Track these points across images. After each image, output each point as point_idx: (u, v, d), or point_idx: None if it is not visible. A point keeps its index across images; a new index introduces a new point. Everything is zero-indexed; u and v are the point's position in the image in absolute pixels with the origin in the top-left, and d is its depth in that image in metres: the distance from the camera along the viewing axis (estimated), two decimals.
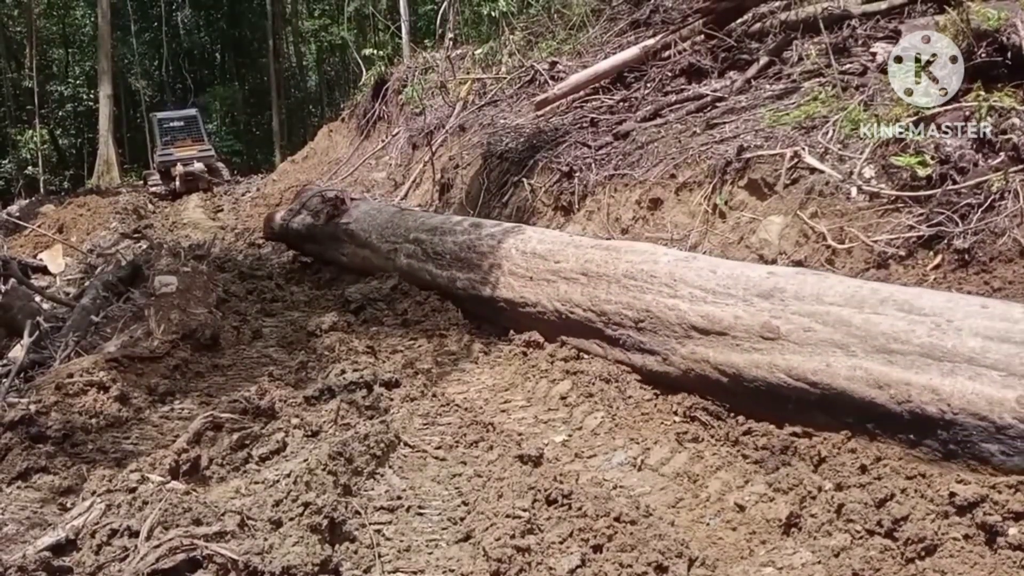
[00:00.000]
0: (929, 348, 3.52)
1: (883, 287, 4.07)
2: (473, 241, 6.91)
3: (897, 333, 3.64)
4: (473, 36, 20.40)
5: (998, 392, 3.25)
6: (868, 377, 3.68)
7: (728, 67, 9.02)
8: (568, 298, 5.59)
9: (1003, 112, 5.33)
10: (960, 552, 3.00)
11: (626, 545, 3.12)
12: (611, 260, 5.39)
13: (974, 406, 3.30)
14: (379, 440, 4.10)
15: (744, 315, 4.32)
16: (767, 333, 4.17)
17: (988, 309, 3.53)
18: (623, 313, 5.10)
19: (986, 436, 3.28)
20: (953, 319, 3.54)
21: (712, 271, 4.70)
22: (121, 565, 2.82)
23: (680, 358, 4.68)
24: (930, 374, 3.48)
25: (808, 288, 4.15)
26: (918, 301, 3.72)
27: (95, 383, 5.04)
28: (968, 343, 3.41)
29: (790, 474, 3.69)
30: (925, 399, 3.46)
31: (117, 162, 34.01)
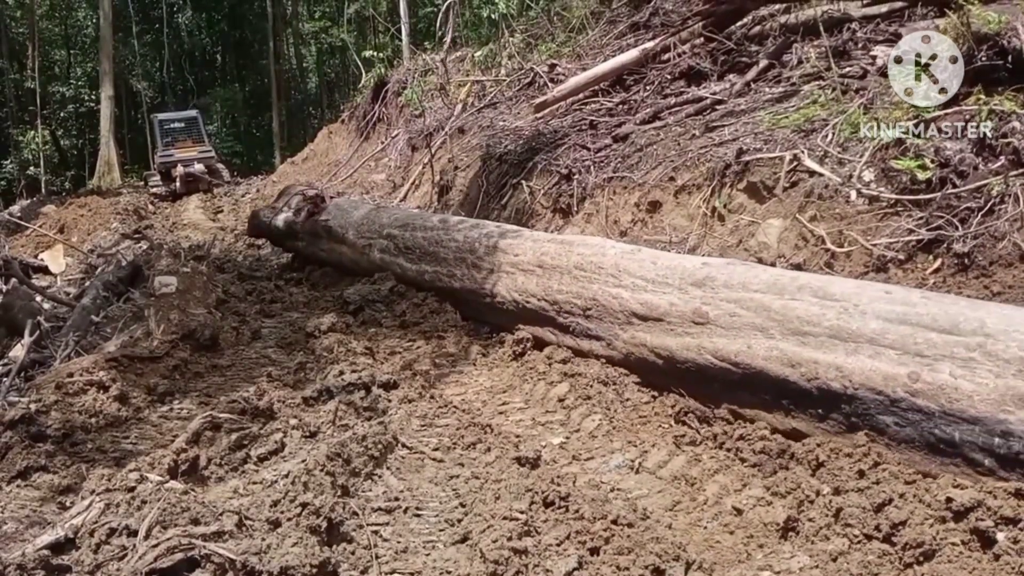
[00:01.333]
0: (837, 330, 3.82)
1: (802, 275, 4.45)
2: (441, 236, 7.28)
3: (810, 316, 3.96)
4: (473, 38, 20.41)
5: (893, 369, 3.54)
6: (783, 357, 4.00)
7: (728, 70, 9.03)
8: (524, 288, 5.96)
9: (1003, 116, 5.33)
10: (958, 557, 2.99)
11: (623, 548, 3.12)
12: (564, 253, 5.75)
13: (872, 382, 3.60)
14: (377, 441, 4.10)
15: (679, 302, 4.65)
16: (698, 318, 4.50)
17: (891, 294, 3.86)
18: (573, 302, 5.45)
19: (882, 409, 3.58)
20: (859, 303, 3.84)
21: (653, 262, 5.05)
22: (119, 564, 2.82)
23: (622, 343, 5.03)
24: (836, 353, 3.78)
25: (736, 277, 4.47)
26: (831, 288, 4.04)
27: (95, 383, 5.04)
28: (870, 325, 3.72)
29: (788, 478, 3.68)
30: (831, 376, 3.76)
31: (118, 163, 34.04)
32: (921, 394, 3.45)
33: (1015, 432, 3.14)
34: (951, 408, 3.35)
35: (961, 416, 3.32)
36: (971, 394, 3.30)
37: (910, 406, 3.48)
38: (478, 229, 7.02)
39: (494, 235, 6.70)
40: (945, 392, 3.37)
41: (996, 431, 3.21)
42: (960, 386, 3.34)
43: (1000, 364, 3.27)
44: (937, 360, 3.44)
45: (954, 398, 3.35)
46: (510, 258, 6.26)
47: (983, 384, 3.28)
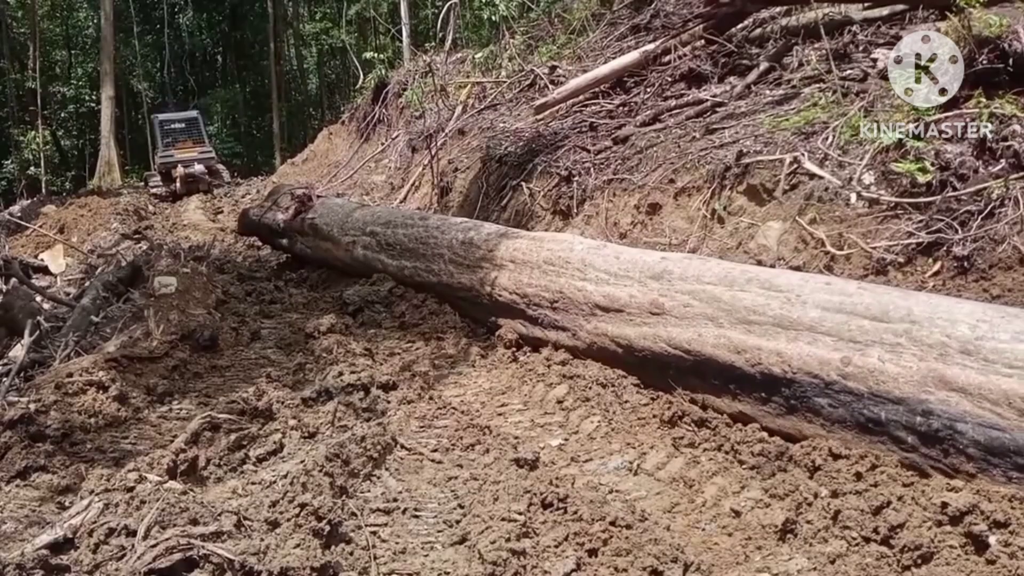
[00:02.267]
0: (780, 319, 4.10)
1: (752, 268, 4.72)
2: (420, 234, 7.58)
3: (756, 306, 4.24)
4: (473, 40, 20.44)
5: (828, 354, 3.81)
6: (730, 344, 4.29)
7: (728, 72, 9.03)
8: (496, 282, 6.27)
9: (1004, 119, 5.34)
10: (956, 560, 3.00)
11: (621, 550, 3.12)
12: (535, 248, 6.05)
13: (809, 366, 3.87)
14: (376, 442, 4.10)
15: (638, 294, 4.94)
16: (655, 309, 4.79)
17: (830, 285, 4.13)
18: (541, 295, 5.76)
19: (818, 391, 3.85)
20: (801, 294, 4.12)
21: (616, 257, 5.35)
22: (118, 564, 2.82)
23: (586, 333, 5.33)
24: (778, 340, 4.06)
25: (691, 270, 4.77)
26: (777, 280, 4.34)
27: (94, 383, 5.04)
28: (810, 314, 3.99)
29: (786, 480, 3.69)
30: (772, 361, 4.05)
31: (118, 163, 34.04)
32: (852, 377, 3.70)
33: (935, 411, 3.39)
34: (878, 390, 3.61)
35: (887, 397, 3.57)
36: (896, 376, 3.55)
37: (842, 388, 3.74)
38: (456, 226, 7.32)
39: (470, 232, 7.01)
40: (873, 375, 3.63)
41: (918, 410, 3.46)
42: (887, 369, 3.59)
43: (923, 348, 3.51)
44: (868, 345, 3.70)
45: (881, 380, 3.60)
46: (483, 253, 6.56)
47: (907, 367, 3.53)
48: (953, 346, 3.44)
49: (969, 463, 3.34)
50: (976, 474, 3.33)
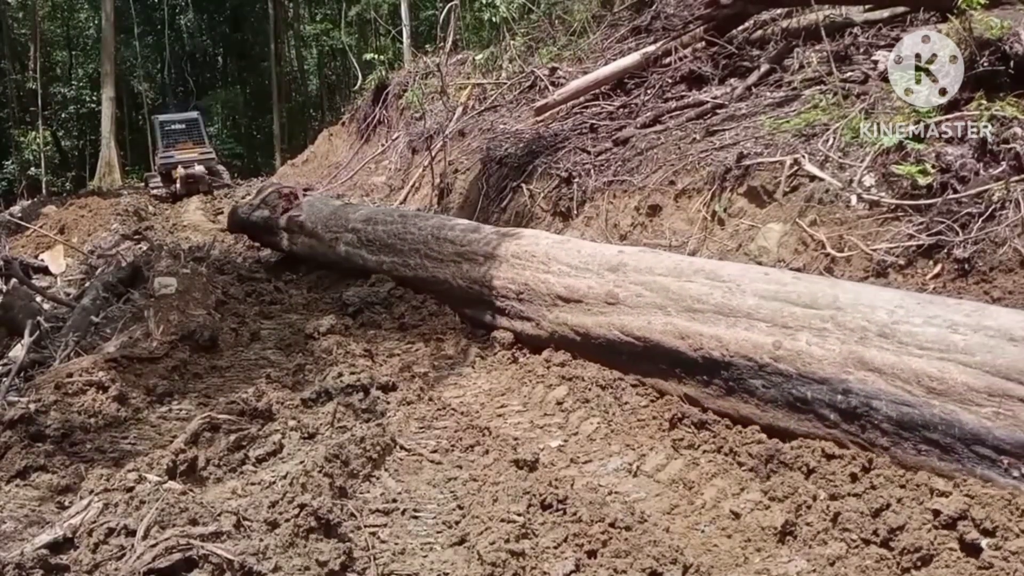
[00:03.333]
0: (721, 306, 4.40)
1: (699, 261, 5.13)
2: (399, 230, 7.89)
3: (701, 295, 4.55)
4: (474, 41, 20.43)
5: (762, 338, 4.11)
6: (675, 331, 4.59)
7: (729, 74, 9.04)
8: (468, 275, 6.61)
9: (1005, 121, 5.33)
10: (956, 563, 2.99)
11: (620, 551, 3.12)
12: (504, 243, 6.39)
13: (745, 350, 4.17)
14: (375, 443, 4.10)
15: (595, 285, 5.27)
16: (610, 299, 5.12)
17: (768, 275, 4.47)
18: (508, 287, 6.10)
19: (753, 373, 4.14)
20: (741, 284, 4.42)
21: (578, 251, 5.70)
22: (118, 564, 2.82)
23: (548, 322, 5.67)
24: (719, 326, 4.37)
25: (645, 262, 5.11)
26: (721, 271, 4.66)
27: (94, 383, 5.04)
28: (748, 301, 4.29)
29: (785, 482, 3.69)
30: (712, 346, 4.35)
31: (119, 164, 34.03)
32: (782, 359, 4.00)
33: (854, 390, 3.68)
34: (805, 371, 3.89)
35: (813, 377, 3.86)
36: (821, 358, 3.84)
37: (774, 370, 4.04)
38: (432, 223, 7.71)
39: (445, 228, 7.36)
40: (801, 357, 3.92)
41: (839, 389, 3.74)
42: (813, 352, 3.89)
43: (846, 332, 3.80)
44: (798, 330, 4.00)
45: (808, 362, 3.89)
46: (457, 248, 6.89)
47: (831, 350, 3.82)
48: (872, 330, 3.71)
49: (884, 437, 3.60)
50: (889, 447, 3.59)
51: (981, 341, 3.39)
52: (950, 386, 3.38)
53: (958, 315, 3.56)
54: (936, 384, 3.43)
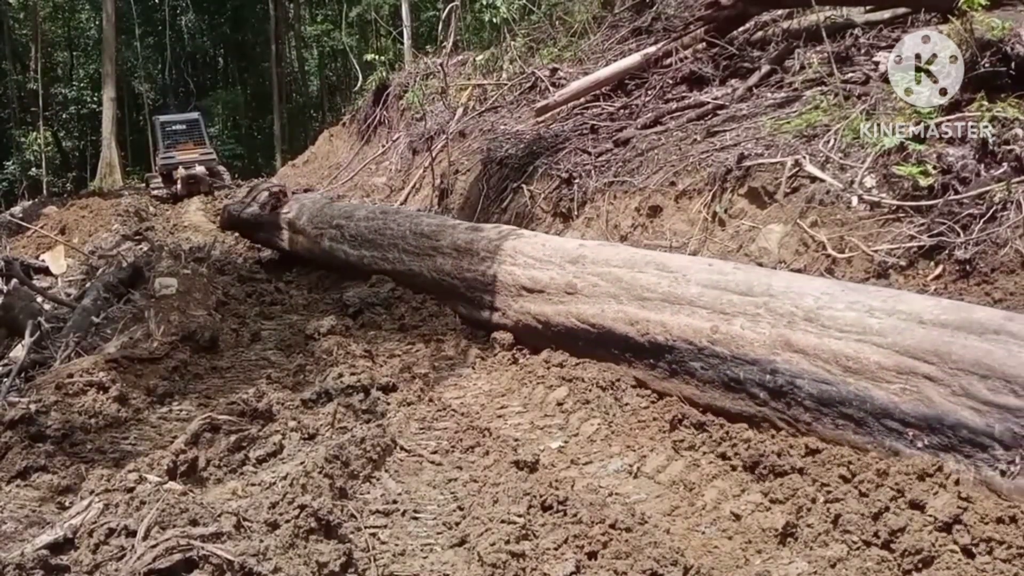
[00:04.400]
0: (668, 295, 4.76)
1: (652, 254, 5.44)
2: (379, 225, 8.30)
3: (650, 285, 4.90)
4: (475, 42, 20.42)
5: (702, 324, 4.45)
6: (626, 318, 4.96)
7: (729, 75, 9.03)
8: (441, 268, 7.03)
9: (1006, 122, 5.33)
10: (957, 564, 2.99)
11: (621, 552, 3.12)
12: (476, 239, 6.76)
13: (686, 334, 4.53)
14: (375, 444, 4.10)
15: (557, 276, 5.66)
16: (569, 289, 5.50)
17: (712, 266, 4.82)
18: (478, 280, 6.49)
19: (692, 356, 4.49)
20: (687, 274, 4.77)
21: (543, 245, 6.12)
22: (118, 564, 2.81)
23: (513, 312, 6.08)
24: (664, 313, 4.72)
25: (602, 255, 5.47)
26: (670, 262, 5.03)
27: (95, 383, 5.04)
28: (691, 290, 4.64)
29: (786, 484, 3.68)
30: (657, 331, 4.72)
31: (119, 165, 33.99)
32: (719, 343, 4.34)
33: (780, 370, 3.99)
34: (739, 353, 4.22)
35: (745, 359, 4.18)
36: (753, 341, 4.16)
37: (711, 353, 4.38)
38: (410, 219, 8.13)
39: (421, 224, 7.78)
40: (735, 340, 4.25)
41: (768, 369, 4.06)
42: (746, 335, 4.21)
43: (776, 317, 4.11)
44: (734, 316, 4.33)
45: (741, 345, 4.22)
46: (432, 243, 7.30)
47: (762, 333, 4.14)
48: (799, 315, 4.03)
49: (806, 413, 3.90)
50: (811, 423, 3.89)
51: (893, 324, 3.67)
52: (864, 365, 3.67)
53: (876, 300, 3.86)
54: (852, 363, 3.72)
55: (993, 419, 3.25)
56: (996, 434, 3.23)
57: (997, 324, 3.40)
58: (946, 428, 3.39)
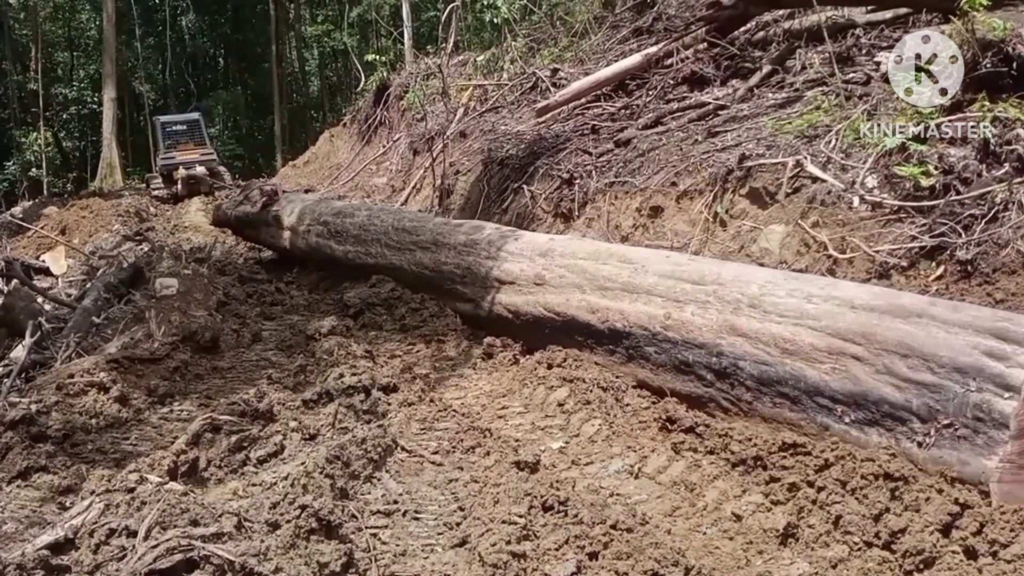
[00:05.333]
0: (627, 284, 5.07)
1: (615, 247, 5.90)
2: (363, 221, 8.66)
3: (612, 276, 5.22)
4: (475, 43, 20.41)
5: (656, 311, 4.77)
6: (588, 306, 5.28)
7: (731, 75, 9.03)
8: (420, 262, 7.37)
9: (1007, 123, 5.33)
10: (958, 565, 2.99)
11: (622, 553, 3.11)
12: (453, 233, 7.18)
13: (642, 321, 4.84)
14: (376, 444, 4.10)
15: (527, 269, 5.99)
16: (538, 280, 5.84)
17: (669, 258, 5.21)
18: (454, 271, 6.85)
19: (647, 341, 4.81)
20: (646, 265, 5.12)
21: (516, 239, 6.45)
22: (119, 564, 2.81)
23: (487, 303, 6.39)
24: (623, 301, 5.04)
25: (569, 248, 5.82)
26: (630, 255, 5.39)
27: (95, 384, 5.04)
28: (649, 280, 4.96)
29: (786, 484, 3.68)
30: (616, 318, 5.04)
31: (120, 165, 34.01)
32: (671, 328, 4.64)
33: (725, 352, 4.29)
34: (689, 338, 4.53)
35: (694, 343, 4.49)
36: (701, 326, 4.46)
37: (664, 338, 4.69)
38: (393, 215, 8.59)
39: (404, 219, 8.20)
40: (686, 327, 4.55)
41: (714, 352, 4.35)
42: (695, 321, 4.51)
43: (724, 304, 4.40)
44: (686, 303, 4.63)
45: (691, 330, 4.52)
46: (412, 238, 7.63)
47: (710, 319, 4.43)
48: (744, 301, 4.31)
49: (748, 393, 4.19)
50: (752, 402, 4.17)
51: (828, 309, 3.94)
52: (799, 347, 3.95)
53: (814, 288, 4.14)
54: (789, 345, 3.99)
55: (911, 395, 3.50)
56: (914, 408, 3.49)
57: (920, 308, 3.68)
58: (870, 404, 3.65)
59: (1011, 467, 3.20)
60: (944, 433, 3.38)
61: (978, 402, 3.29)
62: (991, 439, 3.23)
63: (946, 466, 3.35)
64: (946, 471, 3.33)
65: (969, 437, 3.31)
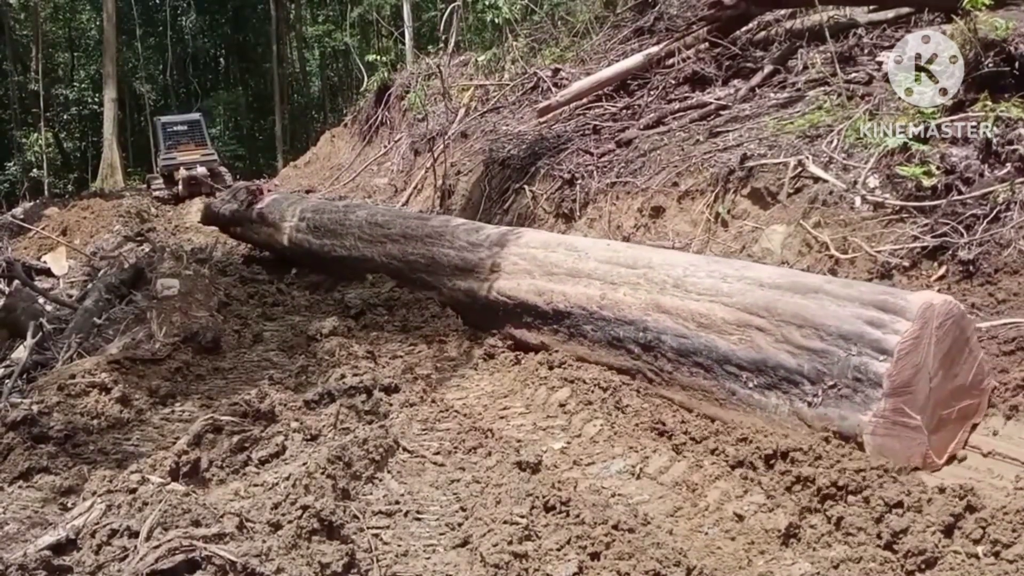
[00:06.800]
0: (571, 270, 5.56)
1: (564, 237, 6.72)
2: (340, 218, 9.08)
3: (559, 262, 5.73)
4: (476, 43, 20.41)
5: (594, 292, 5.25)
6: (536, 289, 5.77)
7: (732, 75, 9.03)
8: (389, 253, 7.83)
9: (1010, 122, 5.32)
10: (960, 565, 2.98)
11: (624, 553, 3.11)
12: (421, 226, 7.64)
13: (581, 302, 5.33)
14: (378, 445, 4.09)
15: (485, 257, 6.47)
16: (493, 268, 6.32)
17: (609, 246, 5.71)
18: (419, 261, 7.32)
19: (585, 320, 5.30)
20: (589, 252, 5.59)
21: (476, 231, 6.95)
22: (120, 565, 2.81)
23: (447, 289, 6.91)
24: (567, 285, 5.52)
25: (523, 239, 6.33)
26: (576, 243, 5.94)
27: (97, 384, 5.03)
28: (590, 265, 5.45)
29: (785, 485, 3.68)
30: (559, 300, 5.53)
31: (121, 166, 34.01)
32: (606, 308, 5.13)
33: (650, 328, 4.78)
34: (620, 316, 5.02)
35: (624, 320, 4.98)
36: (631, 305, 4.95)
37: (599, 317, 5.17)
38: (367, 211, 9.10)
39: (377, 214, 8.67)
40: (618, 305, 5.05)
41: (641, 328, 4.85)
42: (626, 301, 5.00)
43: (652, 285, 4.91)
44: (619, 285, 5.12)
45: (622, 309, 5.01)
46: (384, 231, 8.07)
47: (639, 298, 4.92)
48: (669, 282, 4.81)
49: (669, 364, 4.67)
50: (672, 372, 4.65)
51: (740, 287, 4.40)
52: (713, 321, 4.41)
53: (730, 269, 4.62)
54: (704, 320, 4.46)
55: (804, 360, 3.95)
56: (805, 372, 3.94)
57: (817, 285, 4.14)
58: (769, 369, 4.10)
59: (884, 422, 3.64)
60: (830, 393, 3.82)
61: (858, 364, 3.72)
62: (867, 397, 3.67)
63: (829, 422, 3.80)
64: (829, 426, 3.79)
65: (849, 396, 3.74)
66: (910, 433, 3.69)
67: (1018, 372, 4.02)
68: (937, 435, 3.81)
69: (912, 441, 3.71)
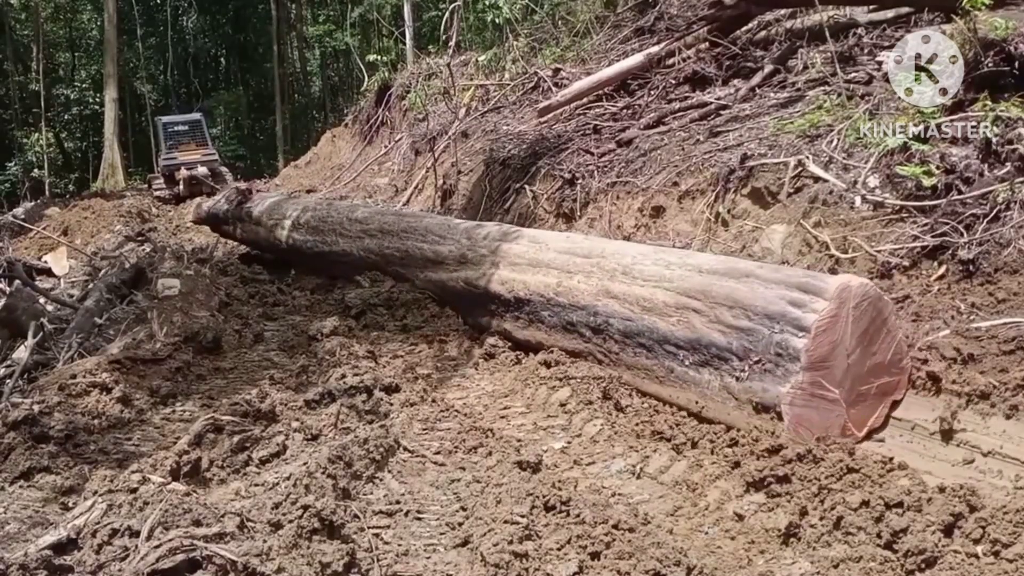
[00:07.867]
0: (533, 260, 5.93)
1: (527, 230, 6.81)
2: (323, 215, 9.48)
3: (521, 253, 6.11)
4: (477, 43, 20.41)
5: (551, 280, 5.61)
6: (500, 279, 6.12)
7: (732, 75, 9.03)
8: (367, 247, 8.23)
9: (1009, 122, 5.32)
10: (960, 565, 2.99)
11: (624, 553, 3.11)
12: (397, 222, 8.06)
13: (540, 289, 5.67)
14: (379, 444, 4.09)
15: (454, 249, 6.88)
16: (462, 260, 6.72)
17: (568, 238, 6.22)
18: (394, 255, 7.73)
19: (543, 307, 5.64)
20: (549, 244, 6.02)
21: (448, 225, 7.42)
22: (121, 564, 2.81)
23: (420, 280, 7.30)
24: (527, 274, 5.86)
25: (491, 233, 6.67)
26: (539, 236, 6.35)
27: (98, 384, 5.04)
28: (550, 255, 5.82)
29: (785, 484, 3.68)
30: (519, 288, 5.87)
31: (122, 165, 34.01)
32: (561, 294, 5.47)
33: (600, 312, 5.12)
34: (573, 301, 5.35)
35: (577, 306, 5.31)
36: (584, 291, 5.29)
37: (556, 303, 5.52)
38: (348, 208, 9.55)
39: (356, 211, 9.15)
40: (572, 292, 5.39)
41: (592, 312, 5.19)
42: (580, 288, 5.34)
43: (604, 273, 5.23)
44: (574, 273, 5.46)
45: (576, 295, 5.34)
46: (363, 227, 8.46)
47: (592, 285, 5.25)
48: (619, 270, 5.13)
49: (616, 345, 5.00)
50: (619, 352, 4.99)
51: (681, 273, 4.74)
52: (655, 304, 4.74)
53: (674, 257, 5.00)
54: (647, 304, 4.79)
55: (733, 338, 4.27)
56: (734, 349, 4.26)
57: (750, 270, 4.49)
58: (703, 348, 4.42)
59: (802, 394, 3.94)
60: (755, 368, 4.13)
61: (779, 341, 4.04)
62: (787, 370, 3.99)
63: (753, 394, 4.11)
64: (752, 398, 4.11)
65: (772, 370, 4.05)
66: (828, 405, 3.99)
67: (1018, 372, 4.01)
68: (855, 409, 4.08)
69: (830, 413, 4.00)
